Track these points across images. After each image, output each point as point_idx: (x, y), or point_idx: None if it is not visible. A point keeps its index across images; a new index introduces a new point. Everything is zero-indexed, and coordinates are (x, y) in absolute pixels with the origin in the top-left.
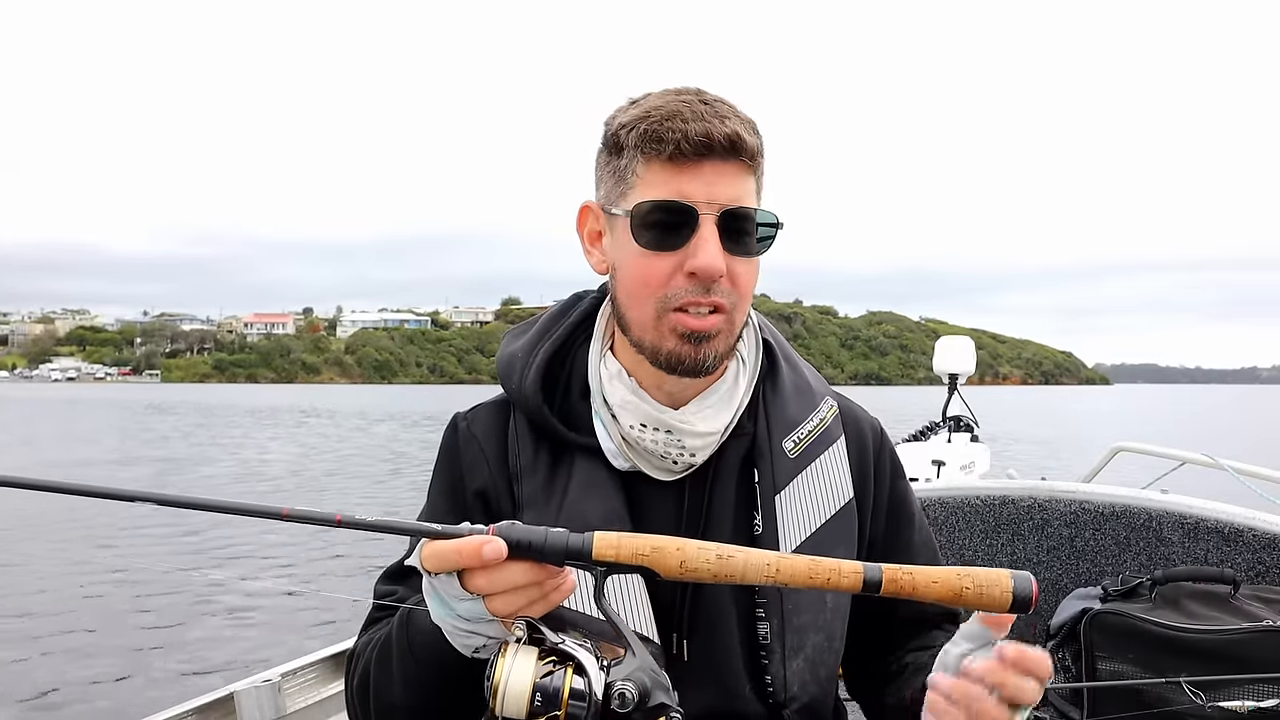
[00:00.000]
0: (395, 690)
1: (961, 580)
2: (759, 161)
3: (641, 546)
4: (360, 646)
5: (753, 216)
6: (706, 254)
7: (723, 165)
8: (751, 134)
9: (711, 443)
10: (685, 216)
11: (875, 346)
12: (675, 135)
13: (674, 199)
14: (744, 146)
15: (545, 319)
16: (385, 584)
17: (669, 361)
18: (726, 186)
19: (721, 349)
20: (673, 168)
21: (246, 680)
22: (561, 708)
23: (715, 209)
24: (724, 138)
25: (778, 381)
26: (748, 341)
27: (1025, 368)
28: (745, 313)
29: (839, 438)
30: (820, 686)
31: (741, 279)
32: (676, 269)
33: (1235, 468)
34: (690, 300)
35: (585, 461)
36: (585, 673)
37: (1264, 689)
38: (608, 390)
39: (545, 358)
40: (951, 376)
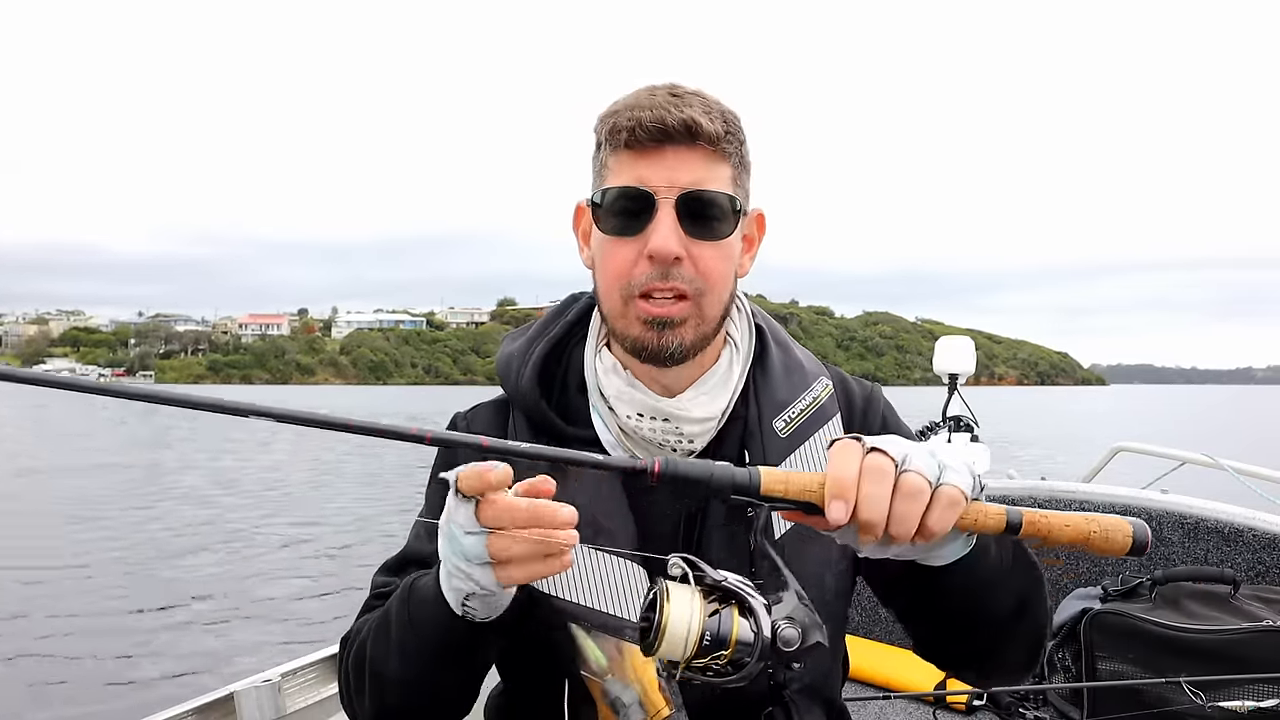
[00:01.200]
0: (391, 663)
1: (1089, 525)
2: (728, 148)
3: (809, 483)
4: (355, 628)
5: (717, 199)
6: (660, 236)
7: (684, 151)
8: (714, 121)
9: (709, 428)
10: (643, 202)
11: (871, 347)
12: (631, 123)
13: (631, 184)
14: (701, 131)
15: (542, 320)
16: (383, 575)
17: (635, 348)
18: (687, 171)
19: (690, 337)
20: (633, 155)
21: (246, 680)
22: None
23: (674, 192)
24: (679, 123)
25: (768, 364)
26: (740, 327)
27: (1021, 368)
28: (719, 300)
29: (834, 415)
30: (820, 668)
31: (705, 262)
32: (639, 254)
33: (1235, 468)
34: (651, 285)
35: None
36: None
37: (1264, 689)
38: (604, 383)
39: (541, 355)
40: (951, 377)
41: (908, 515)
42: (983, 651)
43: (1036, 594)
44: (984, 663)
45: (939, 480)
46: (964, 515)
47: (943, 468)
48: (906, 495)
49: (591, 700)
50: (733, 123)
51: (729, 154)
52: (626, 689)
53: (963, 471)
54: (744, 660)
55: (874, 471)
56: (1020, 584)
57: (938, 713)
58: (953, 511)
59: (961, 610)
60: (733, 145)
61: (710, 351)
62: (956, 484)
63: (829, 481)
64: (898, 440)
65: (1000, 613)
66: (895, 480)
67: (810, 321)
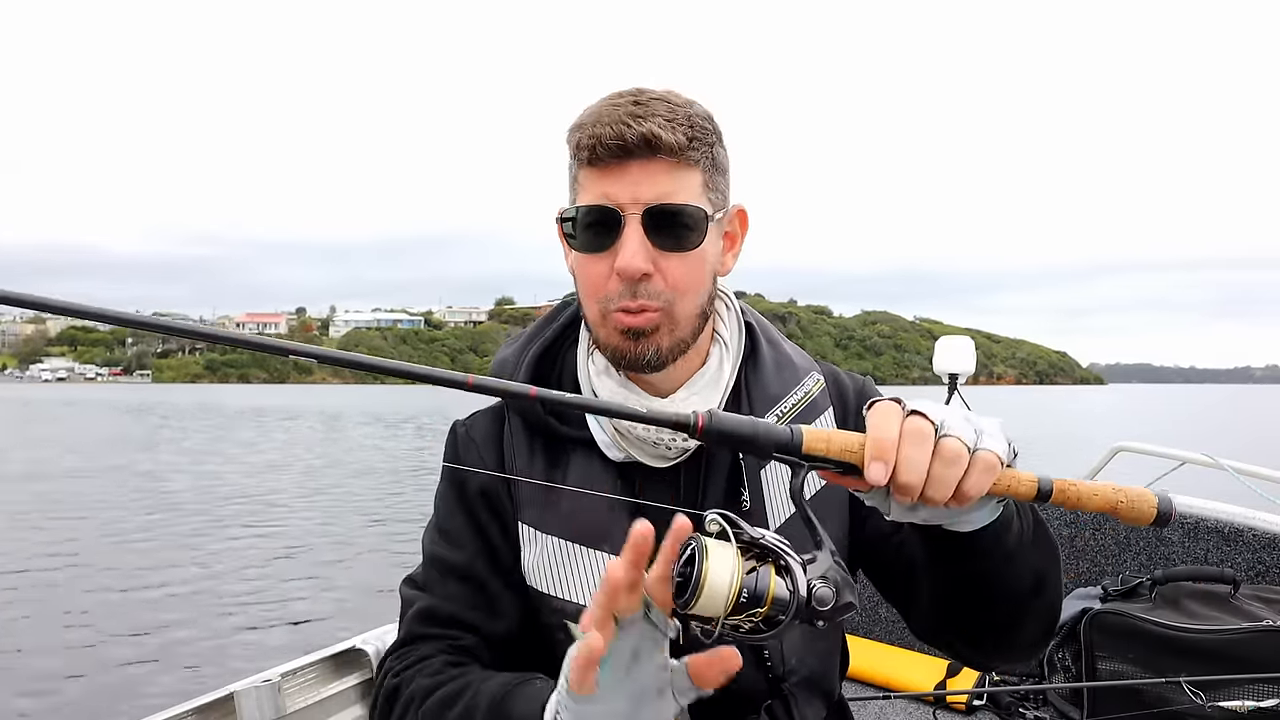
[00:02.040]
0: None
1: (1117, 495)
2: (694, 155)
3: (850, 443)
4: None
5: (684, 211)
6: (626, 254)
7: (647, 164)
8: (677, 130)
9: None
10: (609, 217)
11: (870, 346)
12: (592, 140)
13: (596, 202)
14: (661, 143)
15: (535, 325)
16: (410, 588)
17: (614, 357)
18: (651, 185)
19: (665, 344)
20: (598, 172)
21: (246, 680)
22: (765, 606)
23: (640, 208)
24: (637, 138)
25: (758, 361)
26: (729, 326)
27: (1020, 368)
28: (693, 304)
29: (826, 409)
30: (820, 661)
31: (674, 274)
32: (610, 270)
33: (1235, 468)
34: (622, 304)
35: (581, 455)
36: (789, 571)
37: (1264, 689)
38: (597, 385)
39: (534, 358)
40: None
41: (945, 479)
42: (998, 627)
43: (1053, 571)
44: (997, 639)
45: (976, 445)
46: (998, 480)
47: (979, 432)
48: (945, 459)
49: None
50: (699, 126)
51: (695, 160)
52: None
53: (999, 436)
54: (778, 618)
55: (914, 434)
56: (1039, 559)
57: (938, 713)
58: (989, 476)
59: (981, 581)
60: (699, 150)
61: (699, 351)
62: (994, 449)
63: (869, 443)
64: (936, 404)
65: (1019, 586)
66: (934, 444)
67: (809, 321)
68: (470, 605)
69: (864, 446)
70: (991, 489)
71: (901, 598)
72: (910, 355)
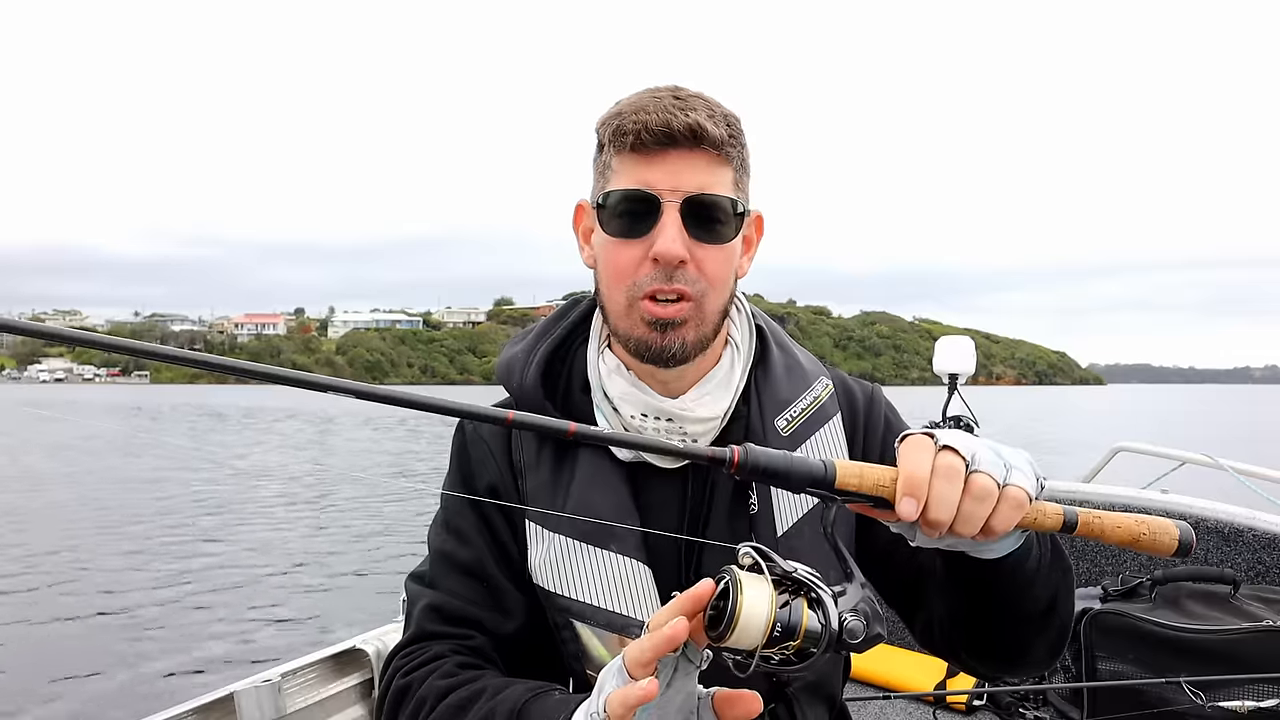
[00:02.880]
0: None
1: (1139, 526)
2: (731, 152)
3: (882, 478)
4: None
5: (720, 204)
6: (666, 239)
7: (688, 154)
8: (719, 125)
9: (712, 428)
10: (649, 204)
11: (869, 347)
12: (637, 126)
13: (636, 187)
14: (706, 135)
15: (544, 323)
16: (416, 585)
17: (638, 349)
18: (692, 175)
19: (691, 338)
20: (638, 158)
21: (246, 680)
22: (797, 639)
23: (679, 196)
24: (684, 127)
25: (769, 364)
26: (740, 328)
27: (1019, 368)
28: (720, 301)
29: (835, 415)
30: (823, 666)
31: (709, 266)
32: (644, 256)
33: (1235, 468)
34: (656, 288)
35: (589, 454)
36: (821, 604)
37: (1264, 689)
38: (607, 384)
39: (544, 356)
40: (952, 376)
41: (974, 515)
42: (1008, 644)
43: (1066, 590)
44: (1007, 655)
45: (1006, 480)
46: (1026, 518)
47: (1009, 467)
48: (975, 496)
49: None
50: (735, 126)
51: (731, 158)
52: None
53: (1027, 471)
54: (810, 650)
55: (946, 470)
56: (1055, 581)
57: (938, 713)
58: (1017, 513)
59: (998, 603)
60: (735, 149)
61: (711, 352)
62: (1022, 485)
63: (902, 478)
64: (967, 437)
65: (1033, 608)
66: (965, 479)
67: (808, 321)
68: (478, 602)
69: (895, 481)
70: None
71: (906, 604)
72: (909, 356)
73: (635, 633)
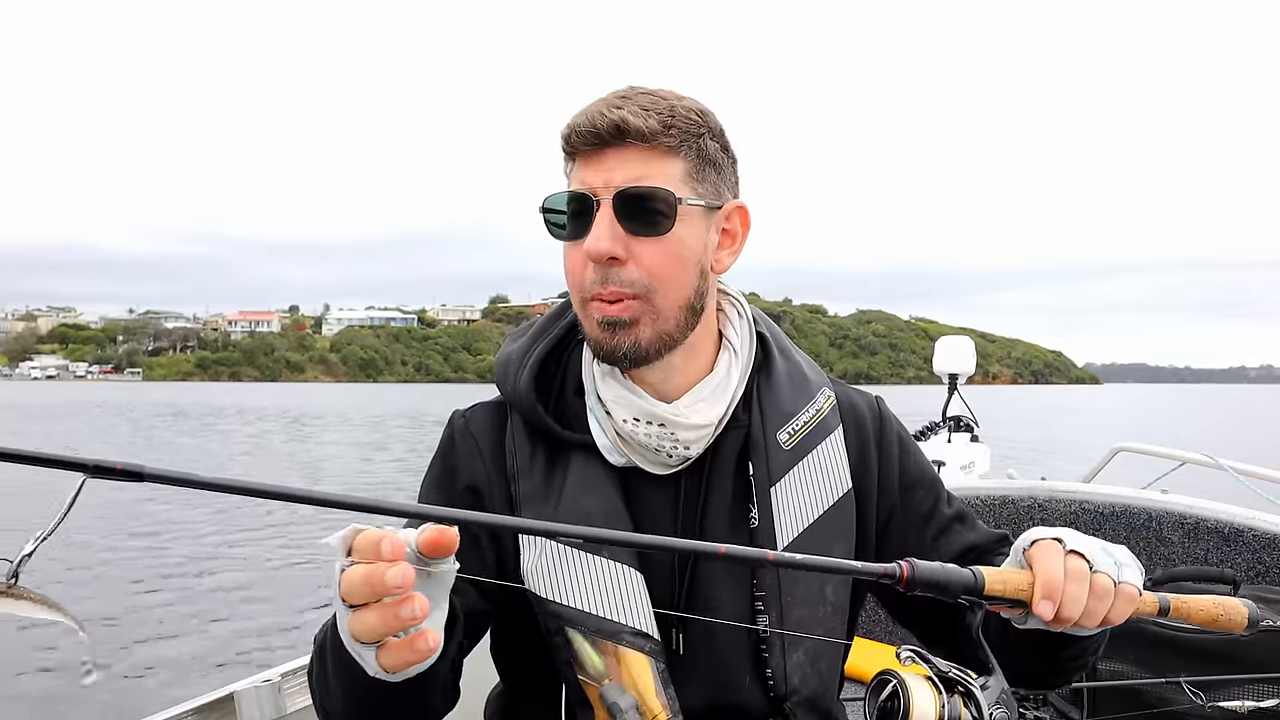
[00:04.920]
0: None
1: (1217, 609)
2: (670, 143)
3: (1021, 583)
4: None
5: (655, 194)
6: (592, 237)
7: (621, 151)
8: (650, 118)
9: (705, 435)
10: (584, 203)
11: (865, 345)
12: (568, 131)
13: (573, 189)
14: (630, 129)
15: (541, 322)
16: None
17: (595, 350)
18: (626, 170)
19: (645, 336)
20: (580, 162)
21: (246, 680)
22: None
23: (610, 191)
24: (608, 125)
25: (772, 373)
26: (740, 333)
27: (1015, 367)
28: (676, 296)
29: (836, 428)
30: (821, 680)
31: (649, 260)
32: (585, 257)
33: (1235, 468)
34: (595, 291)
35: (581, 458)
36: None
37: (1264, 689)
38: (600, 387)
39: (539, 358)
40: (951, 376)
41: (1097, 611)
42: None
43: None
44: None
45: (1118, 578)
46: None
47: (1119, 565)
48: (1098, 595)
49: (589, 704)
50: (682, 116)
51: (673, 148)
52: (624, 694)
53: (1134, 568)
54: None
55: (1076, 574)
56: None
57: None
58: (1130, 607)
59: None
60: (676, 138)
61: (705, 356)
62: (1133, 582)
63: (1040, 583)
64: (1085, 540)
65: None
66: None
67: (804, 320)
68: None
69: (1032, 585)
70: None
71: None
72: (905, 355)
73: (627, 639)
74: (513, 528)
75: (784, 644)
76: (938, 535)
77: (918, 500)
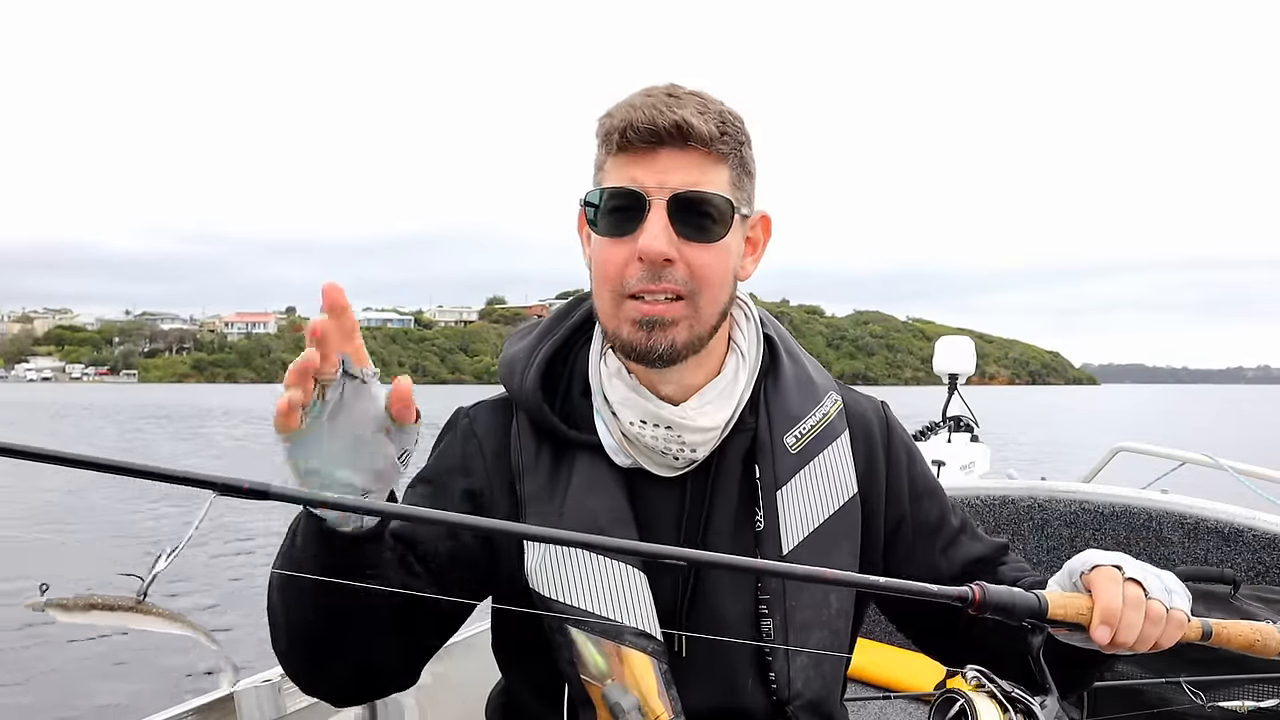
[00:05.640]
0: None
1: (1254, 634)
2: (724, 150)
3: (1081, 608)
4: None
5: (711, 201)
6: (649, 236)
7: (677, 152)
8: (709, 121)
9: (712, 438)
10: (635, 201)
11: (862, 346)
12: (623, 125)
13: (622, 185)
14: (694, 132)
15: (547, 321)
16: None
17: (625, 349)
18: (681, 172)
19: (682, 338)
20: (627, 157)
21: (246, 680)
22: None
23: (666, 193)
24: (670, 124)
25: (779, 376)
26: (747, 336)
27: (1012, 367)
28: (716, 302)
29: (843, 432)
30: (824, 683)
31: (699, 265)
32: (631, 255)
33: (1235, 468)
34: (643, 287)
35: (587, 459)
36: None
37: (1264, 689)
38: (608, 388)
39: (546, 357)
40: (951, 376)
41: (1149, 636)
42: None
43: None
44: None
45: (1170, 605)
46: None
47: (1169, 591)
48: (1153, 620)
49: (591, 703)
50: (731, 124)
51: (725, 155)
52: (626, 694)
53: (1183, 595)
54: None
55: (1134, 601)
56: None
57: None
58: (1179, 632)
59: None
60: (729, 146)
61: (713, 358)
62: (1183, 608)
63: (1100, 609)
64: (1140, 567)
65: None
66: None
67: (801, 320)
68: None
69: (1092, 610)
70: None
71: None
72: (903, 355)
73: (630, 640)
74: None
75: (787, 648)
76: (946, 546)
77: (925, 510)
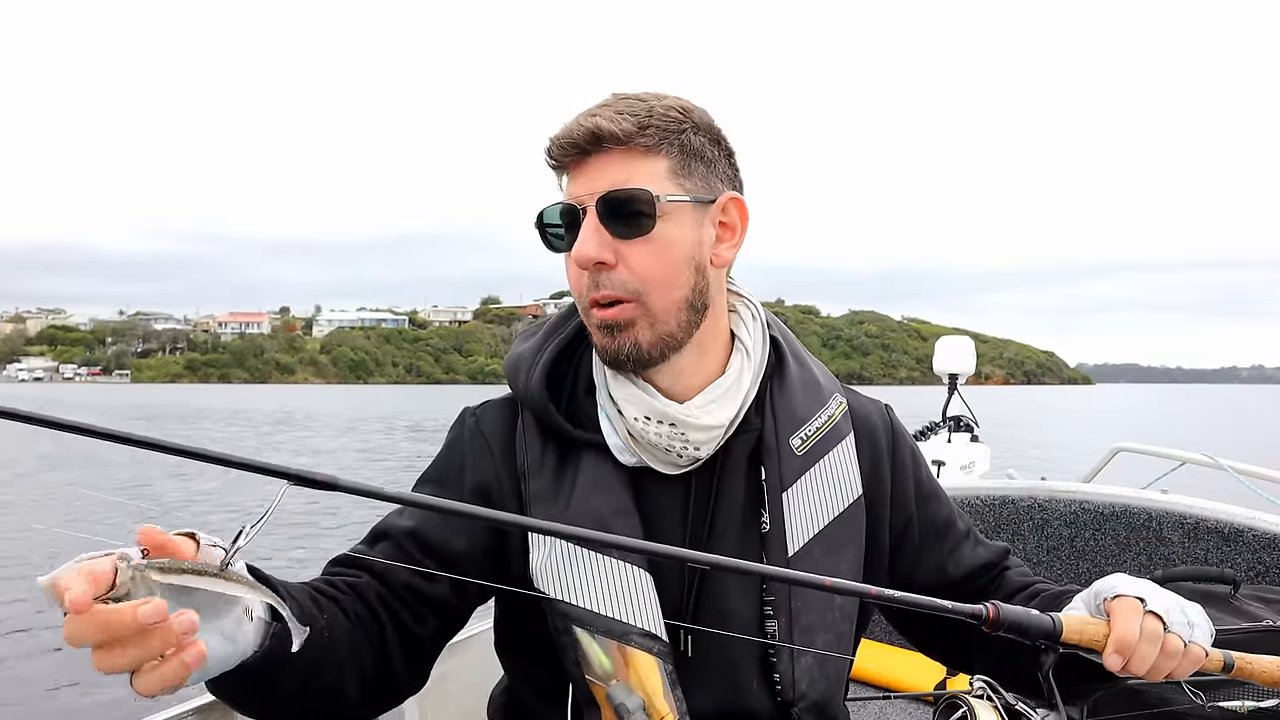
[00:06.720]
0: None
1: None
2: (648, 143)
3: (1096, 634)
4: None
5: (634, 195)
6: (578, 244)
7: (603, 157)
8: (623, 120)
9: (716, 436)
10: (572, 215)
11: (857, 346)
12: (549, 145)
13: (560, 202)
14: (604, 134)
15: (552, 321)
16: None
17: (599, 355)
18: (606, 176)
19: (645, 338)
20: (568, 176)
21: None
22: None
23: (593, 198)
24: (584, 134)
25: (785, 378)
26: (753, 335)
27: (1007, 367)
28: (671, 295)
29: (848, 434)
30: (829, 685)
31: (636, 262)
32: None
33: (1235, 468)
34: (590, 295)
35: (592, 457)
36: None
37: (1264, 689)
38: (612, 385)
39: (551, 357)
40: (951, 377)
41: (1163, 669)
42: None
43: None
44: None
45: (1189, 639)
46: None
47: (1191, 625)
48: (1168, 654)
49: (596, 703)
50: (661, 115)
51: (653, 148)
52: (631, 695)
53: (1205, 628)
54: None
55: (1150, 634)
56: None
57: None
58: (1194, 666)
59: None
60: (656, 138)
61: (715, 355)
62: (1202, 643)
63: (1115, 639)
64: (1164, 599)
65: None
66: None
67: (796, 321)
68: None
69: (1107, 638)
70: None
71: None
72: (898, 355)
73: (635, 640)
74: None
75: (792, 650)
76: (952, 551)
77: (931, 514)
